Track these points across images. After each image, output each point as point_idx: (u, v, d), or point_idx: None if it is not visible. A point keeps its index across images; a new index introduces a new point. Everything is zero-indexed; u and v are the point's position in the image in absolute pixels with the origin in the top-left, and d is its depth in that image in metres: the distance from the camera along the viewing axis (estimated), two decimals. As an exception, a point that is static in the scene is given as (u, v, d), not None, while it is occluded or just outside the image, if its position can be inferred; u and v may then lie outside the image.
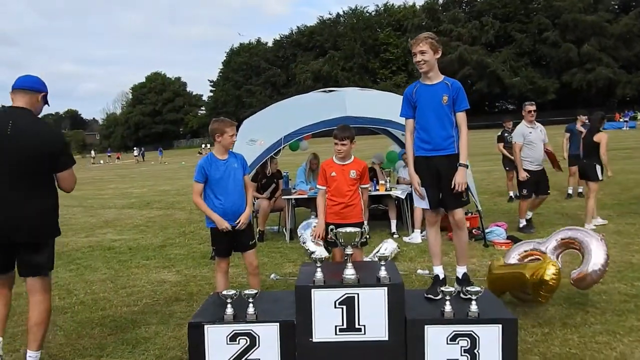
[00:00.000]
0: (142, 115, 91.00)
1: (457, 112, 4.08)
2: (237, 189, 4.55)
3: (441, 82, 4.09)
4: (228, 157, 4.56)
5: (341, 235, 3.48)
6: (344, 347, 3.32)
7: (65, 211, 13.24)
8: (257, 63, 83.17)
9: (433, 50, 4.00)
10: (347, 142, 4.71)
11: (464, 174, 4.00)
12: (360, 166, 4.82)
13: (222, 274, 4.61)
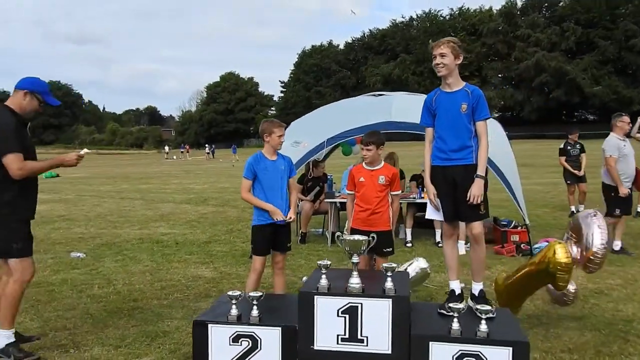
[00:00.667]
0: (215, 113, 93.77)
1: (476, 121, 3.93)
2: (282, 190, 4.62)
3: (461, 90, 3.95)
4: (277, 159, 4.66)
5: (347, 243, 3.40)
6: (345, 357, 3.25)
7: (126, 204, 13.90)
8: (328, 65, 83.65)
9: (454, 55, 3.89)
10: (372, 147, 4.63)
11: (481, 186, 3.83)
12: (390, 172, 4.72)
13: (256, 274, 4.64)
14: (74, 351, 4.00)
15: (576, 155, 10.51)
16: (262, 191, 4.58)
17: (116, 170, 31.95)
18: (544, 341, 4.22)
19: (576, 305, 5.15)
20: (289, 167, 4.69)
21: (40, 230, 9.57)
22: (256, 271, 4.60)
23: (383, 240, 4.68)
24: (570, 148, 10.48)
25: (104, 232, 9.42)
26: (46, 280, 6.10)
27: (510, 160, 7.41)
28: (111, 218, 11.27)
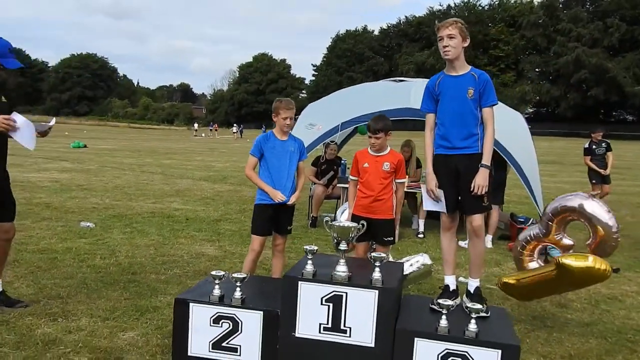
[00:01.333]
0: (246, 93, 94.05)
1: (483, 107, 3.72)
2: (288, 171, 4.52)
3: (467, 74, 3.74)
4: (287, 139, 4.55)
5: (335, 229, 3.26)
6: (326, 347, 3.12)
7: (145, 177, 14.00)
8: (361, 51, 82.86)
9: (462, 37, 3.68)
10: (381, 135, 4.45)
11: (486, 176, 3.63)
12: (395, 159, 4.54)
13: (254, 254, 4.54)
14: (61, 320, 3.97)
15: (602, 154, 10.16)
16: (267, 170, 4.49)
17: (144, 144, 32.31)
18: (544, 345, 4.03)
19: (585, 310, 4.94)
20: (299, 149, 4.58)
21: (56, 199, 9.69)
22: (254, 251, 4.50)
23: (384, 228, 4.53)
24: (595, 147, 10.14)
25: (118, 204, 9.46)
26: (51, 248, 6.12)
27: (530, 155, 7.14)
28: (128, 190, 11.34)
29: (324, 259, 3.44)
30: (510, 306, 4.89)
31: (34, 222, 7.56)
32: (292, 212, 4.68)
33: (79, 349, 3.50)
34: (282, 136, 4.54)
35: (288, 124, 4.49)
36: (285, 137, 4.55)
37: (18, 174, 13.23)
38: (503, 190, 7.77)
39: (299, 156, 4.60)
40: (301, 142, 4.68)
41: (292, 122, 4.54)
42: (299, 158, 4.59)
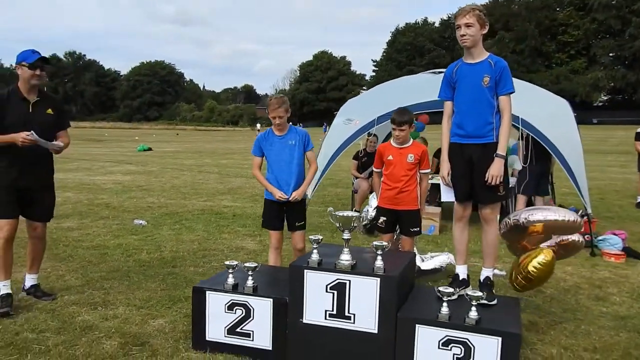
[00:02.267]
0: (307, 92, 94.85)
1: (499, 95, 3.67)
2: (290, 165, 4.53)
3: (484, 61, 3.71)
4: (286, 134, 4.56)
5: (338, 218, 3.35)
6: (332, 333, 3.24)
7: (202, 177, 14.54)
8: (422, 43, 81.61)
9: (480, 25, 3.66)
10: (405, 127, 4.52)
11: (500, 166, 3.59)
12: (419, 150, 4.58)
13: (272, 249, 4.70)
14: (101, 309, 4.30)
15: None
16: (271, 167, 4.59)
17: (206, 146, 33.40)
18: (569, 337, 3.94)
19: (624, 303, 4.77)
20: (302, 140, 4.55)
21: (116, 199, 10.29)
22: (272, 246, 4.66)
23: (410, 219, 4.58)
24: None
25: (172, 203, 9.94)
26: (103, 244, 6.56)
27: (575, 144, 6.88)
28: (183, 190, 11.85)
29: (331, 248, 3.54)
30: (542, 299, 4.80)
31: (92, 220, 8.10)
32: (302, 208, 4.70)
33: (111, 334, 3.79)
34: (280, 132, 4.55)
35: (278, 123, 4.48)
36: (282, 133, 4.55)
37: (85, 177, 14.13)
38: (547, 181, 7.56)
39: (304, 147, 4.57)
40: (304, 133, 4.63)
41: (282, 120, 4.46)
42: (303, 149, 4.57)
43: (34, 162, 4.28)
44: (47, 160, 4.43)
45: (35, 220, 4.47)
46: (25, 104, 4.22)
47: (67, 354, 3.45)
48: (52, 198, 4.57)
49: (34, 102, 4.25)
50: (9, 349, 3.50)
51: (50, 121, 4.33)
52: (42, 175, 4.40)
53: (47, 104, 4.36)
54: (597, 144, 28.47)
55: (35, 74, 4.16)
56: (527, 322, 4.20)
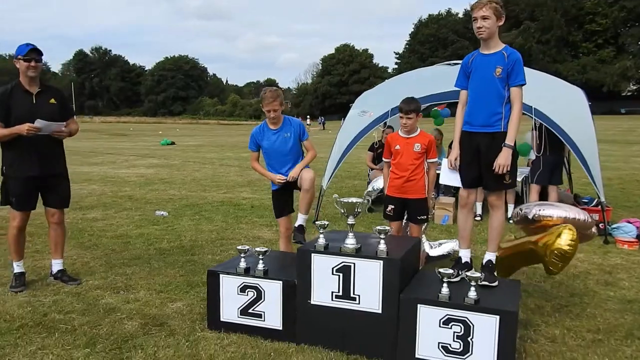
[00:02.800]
0: (329, 85, 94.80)
1: (511, 86, 3.76)
2: (287, 157, 4.67)
3: (499, 52, 3.79)
4: (281, 127, 4.65)
5: (342, 204, 3.50)
6: (339, 313, 3.41)
7: (223, 170, 14.80)
8: (445, 35, 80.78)
9: (496, 17, 3.74)
10: (412, 115, 4.63)
11: (508, 156, 3.69)
12: (425, 139, 4.69)
13: (282, 237, 4.89)
14: (123, 292, 4.54)
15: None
16: (268, 160, 4.73)
17: (228, 140, 33.75)
18: (573, 319, 4.04)
19: (632, 288, 4.83)
20: (296, 132, 4.64)
21: (139, 191, 10.60)
22: (282, 235, 4.85)
23: (417, 207, 4.69)
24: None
25: (193, 195, 10.20)
26: (126, 234, 6.83)
27: (589, 133, 6.89)
28: (204, 182, 12.12)
29: (336, 234, 3.70)
30: (550, 284, 4.89)
31: (116, 212, 8.39)
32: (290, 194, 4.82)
33: (132, 315, 4.02)
34: (274, 126, 4.63)
35: (272, 116, 4.53)
36: (276, 126, 4.62)
37: (110, 170, 14.53)
38: (560, 171, 7.57)
39: (300, 137, 4.66)
40: (298, 123, 4.70)
41: (277, 114, 4.51)
42: (299, 139, 4.65)
43: (44, 152, 4.52)
44: (57, 149, 4.67)
45: (52, 207, 4.74)
46: (28, 96, 4.45)
47: (92, 333, 3.69)
48: (66, 186, 4.82)
49: (36, 93, 4.48)
50: (38, 328, 3.75)
51: (55, 111, 4.56)
52: (53, 164, 4.64)
53: (49, 95, 4.59)
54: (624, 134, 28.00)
55: (30, 65, 4.38)
56: (534, 305, 4.31)
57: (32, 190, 4.58)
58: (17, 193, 4.50)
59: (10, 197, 4.53)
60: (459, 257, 3.91)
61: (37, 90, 4.50)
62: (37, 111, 4.40)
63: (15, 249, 4.69)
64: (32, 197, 4.60)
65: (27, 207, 4.60)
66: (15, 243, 4.68)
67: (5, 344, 3.52)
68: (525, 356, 3.39)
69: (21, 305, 4.21)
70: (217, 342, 3.56)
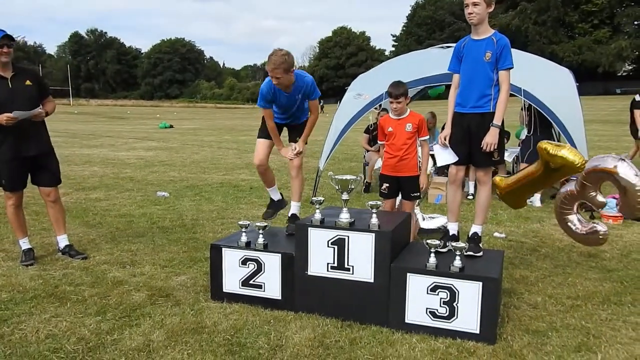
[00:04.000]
0: (326, 68, 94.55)
1: (499, 70, 3.97)
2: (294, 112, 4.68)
3: (488, 38, 4.00)
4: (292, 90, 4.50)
5: (337, 181, 3.72)
6: (334, 283, 3.64)
7: (221, 153, 14.99)
8: (442, 17, 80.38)
9: (486, 3, 3.96)
10: (401, 99, 4.82)
11: (495, 135, 3.92)
12: (416, 119, 4.91)
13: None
14: (129, 267, 4.78)
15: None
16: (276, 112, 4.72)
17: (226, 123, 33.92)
18: (555, 288, 4.30)
19: (613, 259, 5.09)
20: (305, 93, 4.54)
21: (140, 173, 10.81)
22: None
23: (410, 185, 4.91)
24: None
25: (192, 176, 10.42)
26: (130, 213, 7.05)
27: (576, 113, 7.11)
28: (203, 164, 12.33)
29: (332, 209, 3.93)
30: (536, 257, 5.15)
31: (119, 192, 8.61)
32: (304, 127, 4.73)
33: (139, 287, 4.25)
34: (285, 89, 4.46)
35: (276, 83, 4.34)
36: (289, 90, 4.47)
37: (110, 153, 14.72)
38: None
39: (308, 96, 4.59)
40: (307, 83, 4.50)
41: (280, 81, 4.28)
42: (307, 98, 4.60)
43: (29, 133, 4.67)
44: (41, 128, 4.82)
45: (45, 186, 4.94)
46: (3, 81, 4.56)
47: (102, 302, 3.93)
48: (55, 163, 4.99)
49: (11, 77, 4.59)
50: (50, 299, 3.99)
51: (32, 92, 4.69)
52: (39, 143, 4.79)
53: (24, 77, 4.69)
54: (617, 114, 28.18)
55: (3, 51, 4.46)
56: (519, 276, 4.57)
57: (22, 171, 4.76)
58: (7, 175, 4.68)
59: (0, 179, 4.72)
60: (447, 230, 4.15)
61: (12, 74, 4.60)
62: (15, 94, 4.53)
63: (18, 226, 4.93)
64: (22, 176, 4.80)
65: (18, 187, 4.81)
66: (16, 221, 4.91)
67: (21, 312, 3.76)
68: (508, 320, 3.64)
69: (33, 278, 4.45)
70: (220, 310, 3.80)
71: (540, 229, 6.30)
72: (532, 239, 5.84)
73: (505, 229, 6.27)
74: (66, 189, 8.89)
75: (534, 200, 7.60)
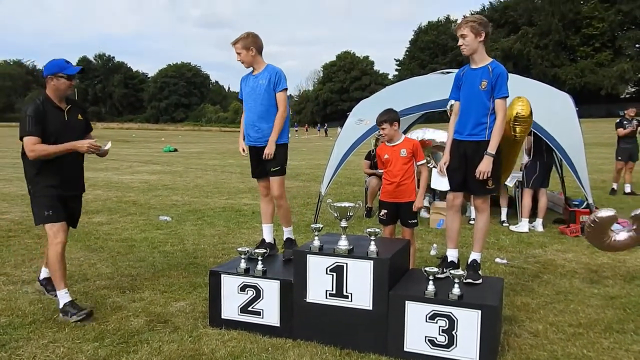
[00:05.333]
0: (330, 92, 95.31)
1: (495, 98, 4.02)
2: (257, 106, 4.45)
3: (484, 67, 4.06)
4: (260, 72, 4.48)
5: (335, 209, 3.74)
6: (333, 310, 3.63)
7: (224, 177, 15.06)
8: (445, 41, 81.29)
9: (474, 34, 4.01)
10: (386, 125, 4.86)
11: (489, 163, 3.95)
12: (410, 144, 4.94)
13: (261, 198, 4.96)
14: (129, 292, 4.77)
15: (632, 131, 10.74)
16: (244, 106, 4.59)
17: (230, 147, 33.99)
18: (557, 315, 4.26)
19: (616, 285, 5.05)
20: (271, 80, 4.41)
21: (143, 197, 10.85)
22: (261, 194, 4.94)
23: (408, 211, 4.90)
24: (626, 123, 10.87)
25: (195, 201, 10.44)
26: (131, 237, 7.07)
27: (576, 137, 7.14)
28: (206, 189, 12.37)
29: (330, 236, 3.94)
30: (538, 283, 5.11)
31: (121, 216, 8.64)
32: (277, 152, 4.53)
33: (138, 313, 4.25)
34: (254, 71, 4.48)
35: (238, 60, 4.46)
36: (257, 71, 4.46)
37: (114, 176, 14.79)
38: (549, 174, 7.81)
39: (274, 87, 4.42)
40: (276, 71, 4.44)
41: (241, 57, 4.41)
42: (273, 89, 4.42)
43: (75, 171, 4.44)
44: (82, 169, 4.58)
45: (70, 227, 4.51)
46: (60, 112, 4.38)
47: (100, 328, 3.91)
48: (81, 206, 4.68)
49: (67, 109, 4.43)
50: (49, 323, 3.99)
51: (82, 126, 4.55)
52: (80, 183, 4.56)
53: (77, 110, 4.53)
54: (621, 138, 28.18)
55: (71, 84, 4.33)
56: (520, 303, 4.53)
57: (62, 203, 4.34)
58: (51, 205, 4.22)
59: (45, 211, 4.21)
60: (446, 257, 4.14)
61: (67, 107, 4.39)
62: (69, 128, 4.33)
63: (62, 275, 4.22)
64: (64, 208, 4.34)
65: (63, 217, 4.30)
66: (62, 268, 4.22)
67: (19, 337, 3.76)
68: (508, 349, 3.61)
69: (32, 302, 4.45)
70: (219, 337, 3.78)
71: (543, 254, 6.27)
72: (533, 264, 5.81)
73: (507, 254, 6.24)
74: (69, 213, 8.94)
75: (536, 225, 7.58)
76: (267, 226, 4.89)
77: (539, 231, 7.50)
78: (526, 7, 71.70)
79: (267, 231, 4.84)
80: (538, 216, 7.63)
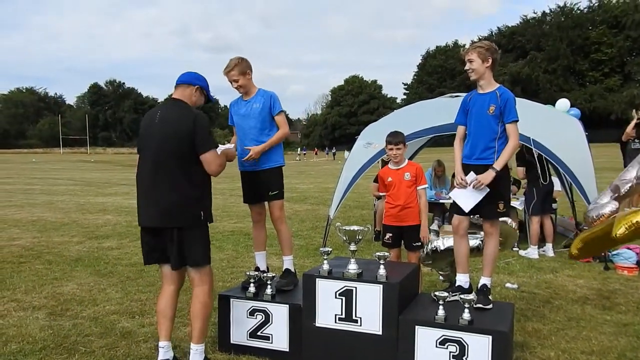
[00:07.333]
0: (338, 116, 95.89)
1: (505, 123, 4.04)
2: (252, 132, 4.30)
3: (492, 92, 4.09)
4: (252, 97, 4.34)
5: (344, 232, 3.75)
6: (342, 335, 3.61)
7: (233, 200, 15.07)
8: (453, 66, 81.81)
9: (481, 59, 4.04)
10: (401, 146, 4.91)
11: (490, 177, 3.94)
12: (413, 168, 4.97)
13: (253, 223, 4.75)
14: (138, 317, 4.78)
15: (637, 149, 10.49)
16: (237, 133, 4.43)
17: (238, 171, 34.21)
18: (569, 342, 4.20)
19: (629, 312, 4.98)
20: (265, 104, 4.27)
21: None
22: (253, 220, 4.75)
23: (412, 234, 4.89)
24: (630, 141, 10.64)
25: (204, 224, 10.46)
26: (141, 262, 6.90)
27: (586, 162, 7.12)
28: (215, 212, 12.16)
29: (339, 260, 3.94)
30: (549, 309, 5.06)
31: (131, 241, 8.67)
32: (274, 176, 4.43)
33: (147, 338, 4.25)
34: (245, 96, 4.34)
35: (235, 87, 4.31)
36: (248, 97, 4.32)
37: (124, 201, 14.88)
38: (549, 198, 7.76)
39: (270, 110, 4.28)
40: (270, 95, 4.31)
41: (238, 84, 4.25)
42: (269, 113, 4.28)
43: None
44: None
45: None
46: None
47: (109, 354, 3.92)
48: None
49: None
50: (59, 349, 4.00)
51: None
52: None
53: None
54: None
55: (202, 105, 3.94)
56: (532, 329, 4.48)
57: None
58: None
59: (209, 249, 3.67)
60: (455, 282, 4.12)
61: None
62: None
63: (169, 327, 3.68)
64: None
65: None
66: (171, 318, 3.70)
67: (30, 364, 3.77)
68: (520, 376, 3.57)
69: (42, 328, 4.46)
70: (228, 363, 3.77)
71: (554, 279, 6.20)
72: (545, 290, 5.75)
73: (518, 279, 6.19)
74: (80, 237, 8.99)
75: (547, 250, 7.53)
76: (259, 254, 4.67)
77: (549, 256, 7.43)
78: (534, 32, 72.31)
79: (259, 259, 4.63)
80: (547, 241, 7.58)
